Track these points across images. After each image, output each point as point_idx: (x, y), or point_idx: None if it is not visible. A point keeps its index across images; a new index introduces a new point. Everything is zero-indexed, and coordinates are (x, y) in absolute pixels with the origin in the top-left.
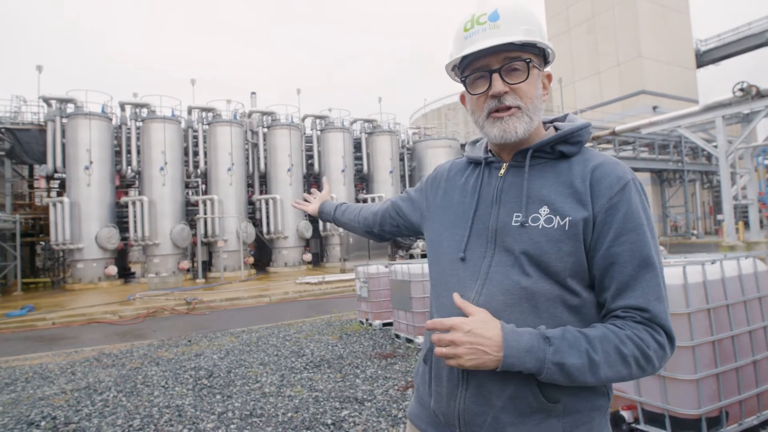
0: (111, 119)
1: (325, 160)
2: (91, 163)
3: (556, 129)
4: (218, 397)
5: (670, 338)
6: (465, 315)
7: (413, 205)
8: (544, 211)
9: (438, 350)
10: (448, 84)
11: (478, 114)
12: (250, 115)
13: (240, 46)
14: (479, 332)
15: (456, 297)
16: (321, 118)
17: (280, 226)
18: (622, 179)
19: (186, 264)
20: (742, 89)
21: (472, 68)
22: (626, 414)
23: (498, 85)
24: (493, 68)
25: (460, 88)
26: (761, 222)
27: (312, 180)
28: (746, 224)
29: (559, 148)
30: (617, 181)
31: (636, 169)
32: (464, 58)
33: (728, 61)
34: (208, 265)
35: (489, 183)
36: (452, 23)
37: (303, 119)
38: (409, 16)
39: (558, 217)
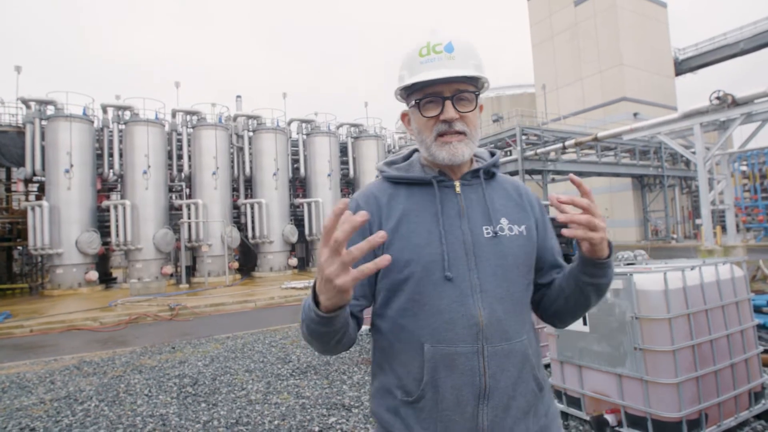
0: (93, 122)
1: (311, 165)
2: (71, 166)
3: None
4: (203, 405)
5: None
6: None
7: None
8: (505, 221)
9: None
10: None
11: (426, 135)
12: (235, 118)
13: (227, 48)
14: None
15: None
16: (307, 122)
17: (265, 230)
18: (532, 191)
19: (169, 269)
20: (718, 97)
21: (423, 92)
22: (610, 417)
23: (450, 111)
24: (445, 95)
25: None
26: (737, 226)
27: (298, 184)
28: (723, 228)
29: (493, 169)
30: (532, 193)
31: (617, 175)
32: (419, 81)
33: (705, 70)
34: (192, 270)
35: (447, 200)
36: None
37: (289, 123)
38: (399, 25)
39: (516, 225)
